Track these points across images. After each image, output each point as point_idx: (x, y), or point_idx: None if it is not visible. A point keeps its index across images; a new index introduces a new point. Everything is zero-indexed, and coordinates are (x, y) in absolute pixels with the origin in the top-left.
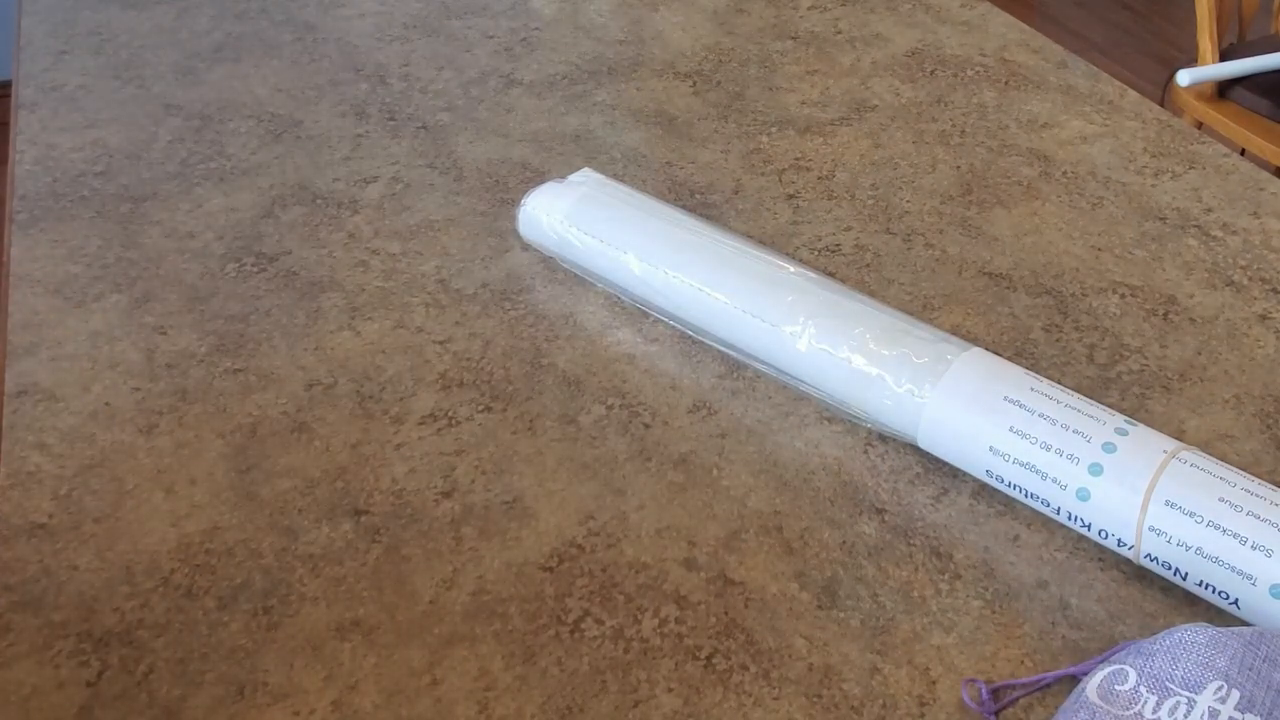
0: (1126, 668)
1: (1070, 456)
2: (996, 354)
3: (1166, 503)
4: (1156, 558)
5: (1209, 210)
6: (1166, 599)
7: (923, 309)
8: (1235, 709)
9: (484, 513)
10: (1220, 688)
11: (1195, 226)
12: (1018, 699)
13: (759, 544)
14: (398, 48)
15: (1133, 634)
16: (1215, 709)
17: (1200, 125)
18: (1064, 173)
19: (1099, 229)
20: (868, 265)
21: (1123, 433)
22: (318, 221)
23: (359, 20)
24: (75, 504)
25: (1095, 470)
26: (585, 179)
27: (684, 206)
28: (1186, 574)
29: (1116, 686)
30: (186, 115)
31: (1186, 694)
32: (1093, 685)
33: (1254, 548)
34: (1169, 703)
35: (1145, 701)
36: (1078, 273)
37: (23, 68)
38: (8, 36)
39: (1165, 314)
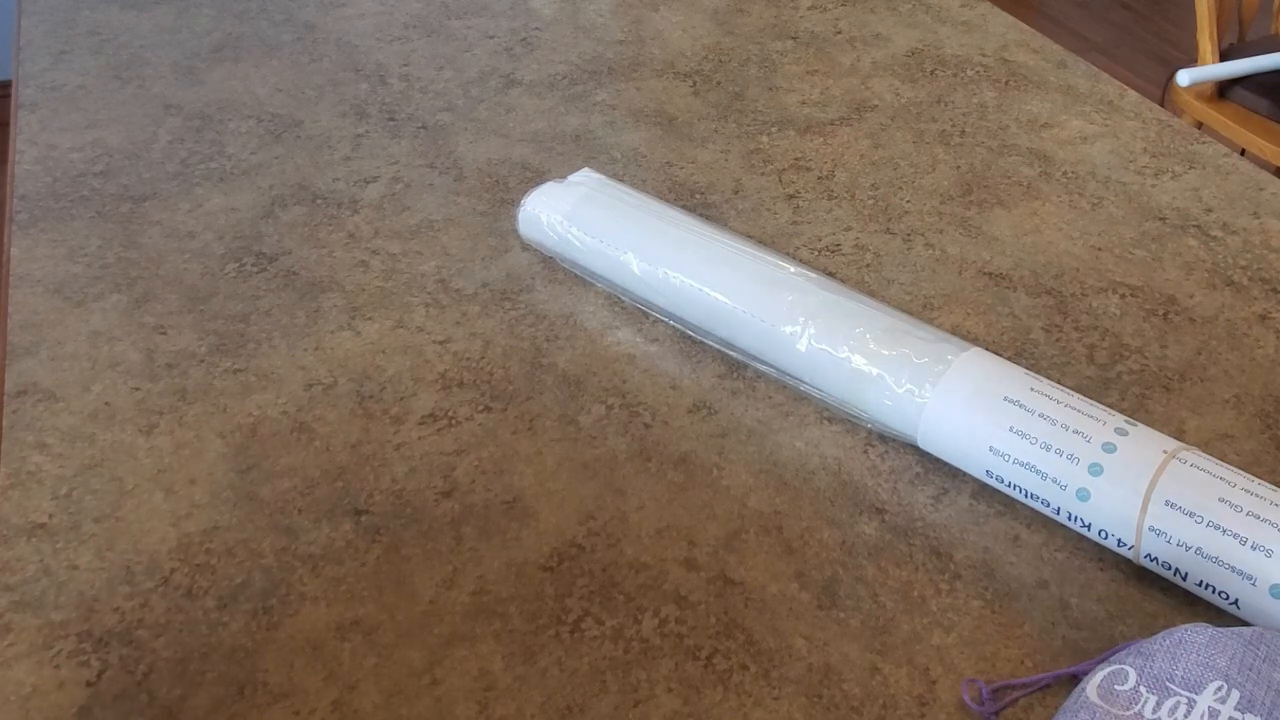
0: (1126, 668)
1: (1070, 456)
2: (996, 354)
3: (1166, 503)
4: (1156, 558)
5: (1209, 210)
6: (1166, 599)
7: (923, 309)
8: (1235, 709)
9: (484, 513)
10: (1220, 688)
11: (1195, 226)
12: (1018, 699)
13: (759, 544)
14: (398, 48)
15: (1133, 634)
16: (1215, 709)
17: (1200, 125)
18: (1064, 173)
19: (1099, 229)
20: (868, 265)
21: (1123, 433)
22: (318, 221)
23: (359, 20)
24: (75, 504)
25: (1095, 470)
26: (585, 179)
27: (684, 206)
28: (1186, 574)
29: (1116, 686)
30: (186, 115)
31: (1186, 694)
32: (1093, 685)
33: (1254, 548)
34: (1169, 703)
35: (1145, 701)
36: (1078, 273)
37: (23, 68)
38: (8, 36)
39: (1165, 314)
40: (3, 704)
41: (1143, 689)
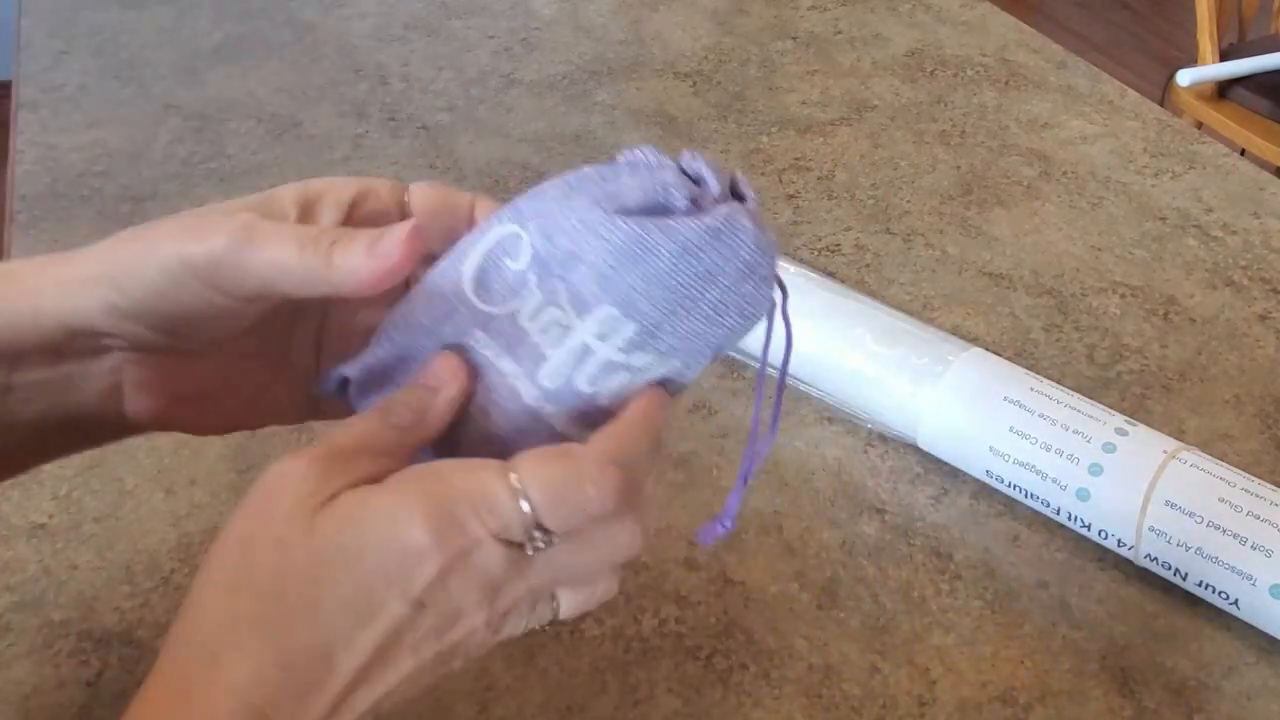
0: (522, 232)
1: (1070, 456)
2: (996, 354)
3: (1166, 503)
4: (1156, 558)
5: (1209, 210)
6: (1166, 599)
7: (923, 309)
8: (621, 349)
9: None
10: (612, 318)
11: (1195, 226)
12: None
13: (759, 544)
14: (398, 48)
15: (1132, 634)
16: (592, 347)
17: (1200, 125)
18: (1064, 173)
19: (1099, 229)
20: (868, 265)
21: (1123, 433)
22: None
23: (359, 20)
24: (75, 504)
25: (1095, 470)
26: None
27: None
28: (1186, 574)
29: (505, 262)
30: (186, 115)
31: (572, 311)
32: (470, 271)
33: (1254, 548)
34: (547, 315)
35: (527, 299)
36: (1078, 273)
37: (23, 68)
38: (7, 36)
39: (1165, 314)
40: (3, 704)
41: (531, 277)
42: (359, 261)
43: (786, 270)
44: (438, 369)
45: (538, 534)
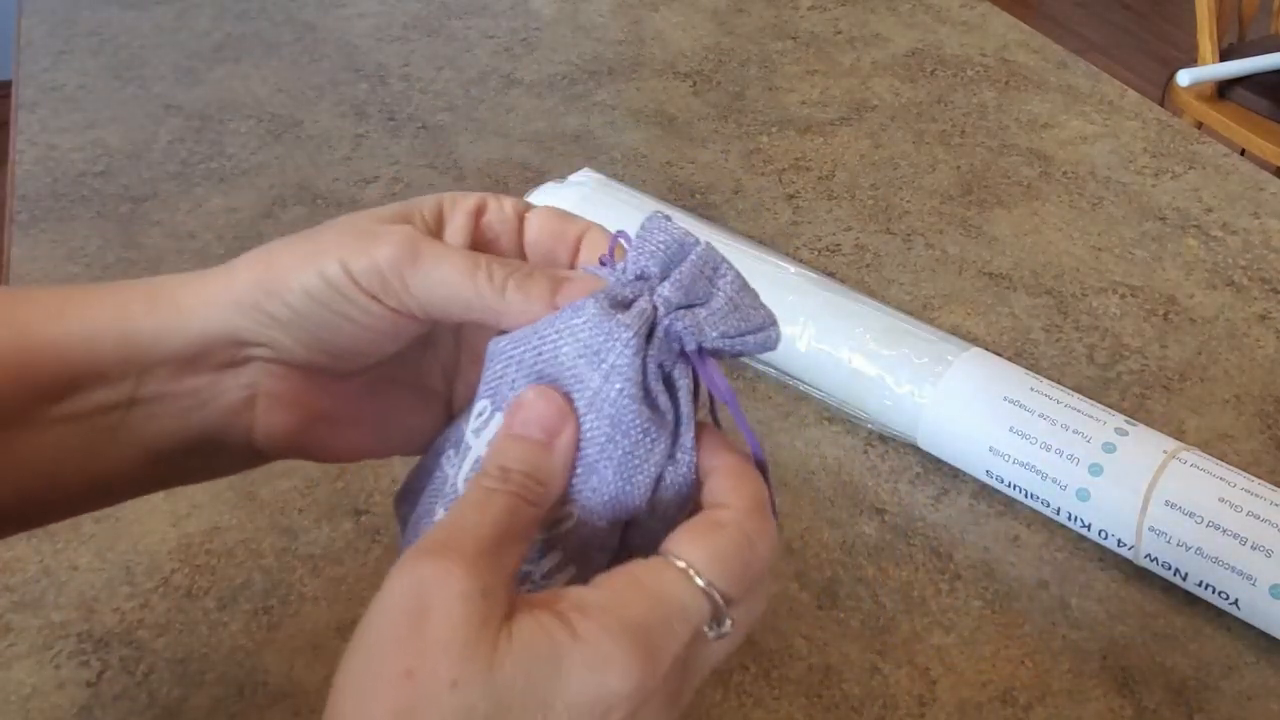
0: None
1: (1070, 456)
2: (996, 354)
3: (1166, 503)
4: (1156, 558)
5: (1209, 210)
6: (1166, 599)
7: (923, 309)
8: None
9: None
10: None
11: (1195, 226)
12: None
13: None
14: (398, 48)
15: (1132, 634)
16: (468, 441)
17: (1200, 125)
18: (1064, 173)
19: (1099, 229)
20: (868, 265)
21: (1123, 433)
22: (318, 221)
23: (359, 20)
24: None
25: (1095, 470)
26: (585, 179)
27: (684, 206)
28: (1186, 574)
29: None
30: (186, 115)
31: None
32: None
33: (1254, 548)
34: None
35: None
36: (1078, 273)
37: (23, 68)
38: (8, 36)
39: (1165, 314)
40: (3, 704)
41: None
42: (538, 301)
43: (786, 270)
44: (537, 410)
45: (727, 618)
